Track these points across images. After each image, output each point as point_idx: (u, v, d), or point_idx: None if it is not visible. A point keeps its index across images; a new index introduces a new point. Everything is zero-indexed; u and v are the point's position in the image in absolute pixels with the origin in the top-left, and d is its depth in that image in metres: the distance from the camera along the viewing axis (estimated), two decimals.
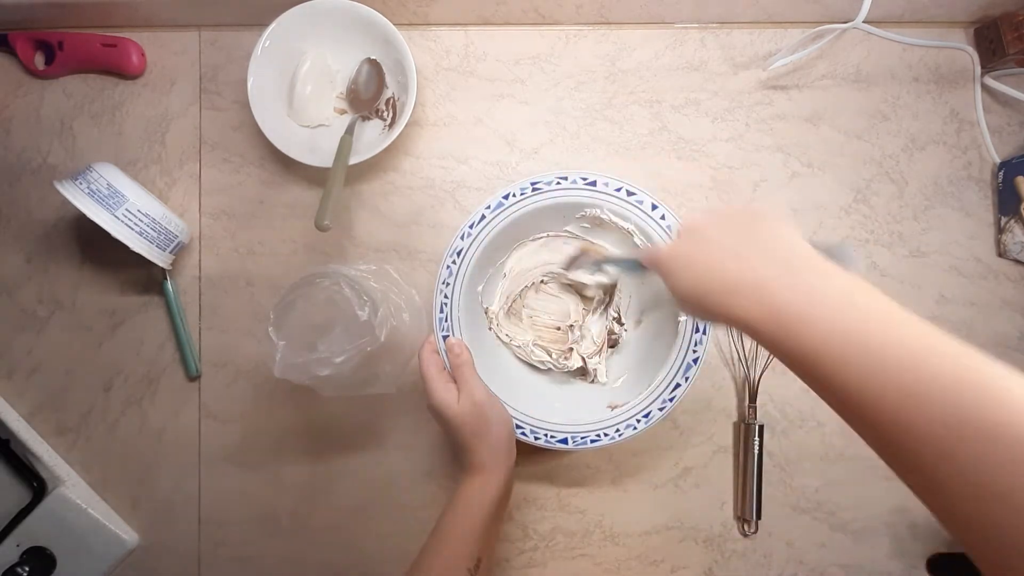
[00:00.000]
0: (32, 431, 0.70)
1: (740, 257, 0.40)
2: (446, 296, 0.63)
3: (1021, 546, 0.27)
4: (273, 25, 0.67)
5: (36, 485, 0.67)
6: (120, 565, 0.69)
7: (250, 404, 0.70)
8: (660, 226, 0.63)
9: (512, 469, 0.58)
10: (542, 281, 0.69)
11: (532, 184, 0.63)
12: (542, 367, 0.68)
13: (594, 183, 0.63)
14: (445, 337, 0.62)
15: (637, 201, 0.63)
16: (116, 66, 0.72)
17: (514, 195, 0.63)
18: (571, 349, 0.68)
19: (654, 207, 0.63)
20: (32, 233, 0.72)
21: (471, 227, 0.63)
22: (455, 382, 0.59)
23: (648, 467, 0.70)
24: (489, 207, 0.63)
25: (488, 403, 0.57)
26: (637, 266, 0.52)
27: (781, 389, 0.70)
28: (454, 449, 0.59)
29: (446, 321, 0.63)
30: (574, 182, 0.63)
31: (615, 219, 0.64)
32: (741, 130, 0.72)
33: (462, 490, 0.56)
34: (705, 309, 0.42)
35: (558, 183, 0.63)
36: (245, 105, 0.68)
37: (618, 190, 0.63)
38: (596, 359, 0.68)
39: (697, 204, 0.72)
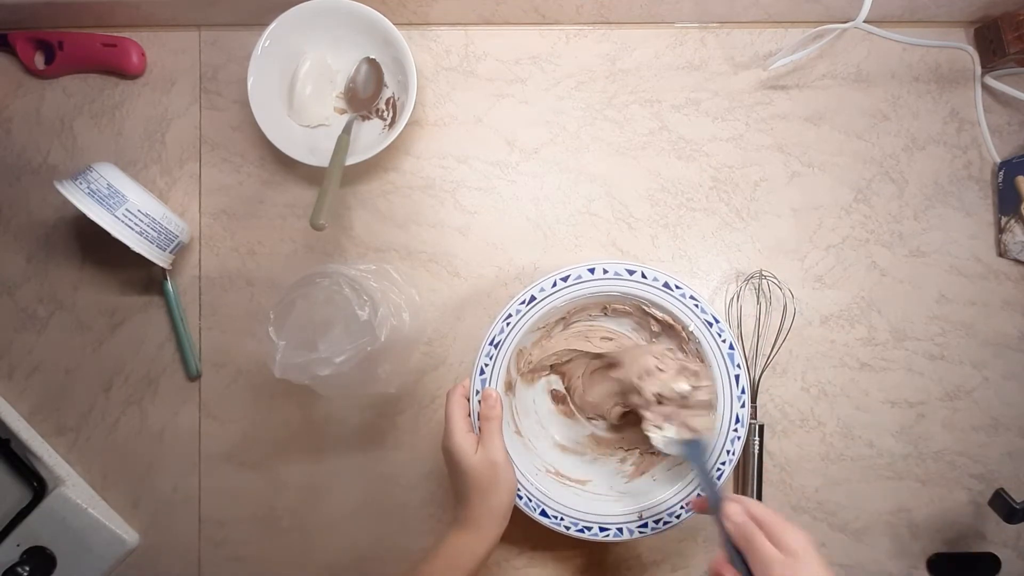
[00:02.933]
0: (32, 431, 0.70)
1: None
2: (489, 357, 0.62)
3: None
4: (273, 25, 0.67)
5: (36, 485, 0.67)
6: (120, 565, 0.69)
7: (250, 404, 0.70)
8: (699, 318, 0.62)
9: (499, 536, 0.58)
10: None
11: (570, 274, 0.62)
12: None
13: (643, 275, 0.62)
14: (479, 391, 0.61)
15: (681, 295, 0.62)
16: (116, 66, 0.72)
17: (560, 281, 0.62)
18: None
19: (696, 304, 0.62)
20: (32, 233, 0.72)
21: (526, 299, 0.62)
22: (476, 432, 0.59)
23: None
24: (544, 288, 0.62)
25: (503, 466, 0.57)
26: (715, 507, 0.50)
27: (781, 389, 0.70)
28: (454, 495, 0.59)
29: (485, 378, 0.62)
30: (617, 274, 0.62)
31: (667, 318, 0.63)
32: (741, 130, 0.72)
33: (450, 541, 0.56)
34: None
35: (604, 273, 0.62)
36: (245, 105, 0.68)
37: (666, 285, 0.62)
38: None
39: (697, 204, 0.72)
